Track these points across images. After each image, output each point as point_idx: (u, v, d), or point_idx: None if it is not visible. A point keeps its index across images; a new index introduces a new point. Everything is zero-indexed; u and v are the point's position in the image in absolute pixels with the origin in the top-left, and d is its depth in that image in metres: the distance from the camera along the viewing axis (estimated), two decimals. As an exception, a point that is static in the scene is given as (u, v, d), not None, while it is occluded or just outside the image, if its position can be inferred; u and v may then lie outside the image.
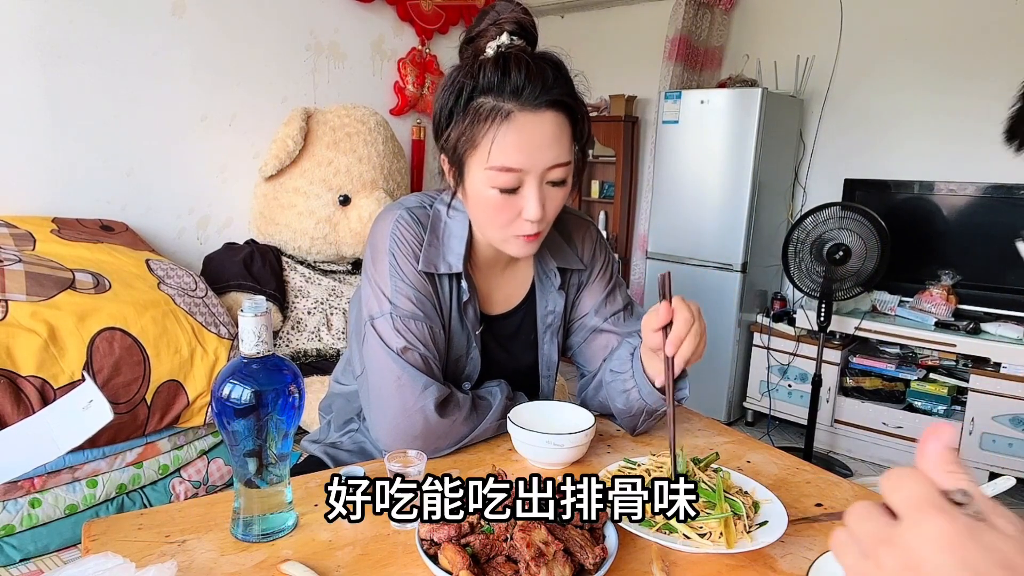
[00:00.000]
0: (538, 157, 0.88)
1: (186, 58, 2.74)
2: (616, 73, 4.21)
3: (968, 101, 3.06)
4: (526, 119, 0.87)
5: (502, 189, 0.89)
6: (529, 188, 0.90)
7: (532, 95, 0.86)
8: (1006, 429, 2.72)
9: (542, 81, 0.87)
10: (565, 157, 0.90)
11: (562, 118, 0.90)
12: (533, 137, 0.88)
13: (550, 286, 1.11)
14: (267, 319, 0.74)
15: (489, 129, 0.87)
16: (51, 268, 2.00)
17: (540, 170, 0.89)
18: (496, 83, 0.87)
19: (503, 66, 0.87)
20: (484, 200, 0.92)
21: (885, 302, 3.16)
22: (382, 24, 3.37)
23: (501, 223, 0.93)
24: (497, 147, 0.87)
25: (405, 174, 3.10)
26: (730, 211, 3.29)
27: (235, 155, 2.95)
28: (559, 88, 0.88)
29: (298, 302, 2.73)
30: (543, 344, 1.13)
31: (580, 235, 1.16)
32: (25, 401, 1.72)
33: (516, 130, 0.87)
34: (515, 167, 0.88)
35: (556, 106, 0.88)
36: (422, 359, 0.96)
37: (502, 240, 0.96)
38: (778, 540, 0.75)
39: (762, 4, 3.71)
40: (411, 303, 0.97)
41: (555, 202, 0.93)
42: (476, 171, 0.91)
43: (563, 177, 0.92)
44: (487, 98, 0.88)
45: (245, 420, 0.73)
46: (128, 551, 0.71)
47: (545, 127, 0.88)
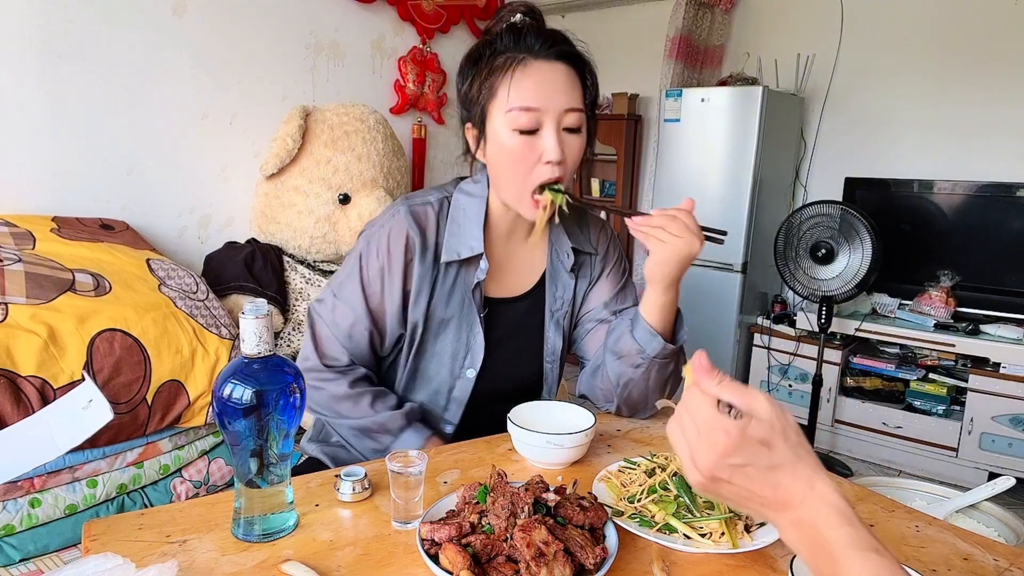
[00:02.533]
0: (554, 98, 0.96)
1: (186, 57, 2.73)
2: (617, 72, 4.21)
3: (969, 100, 3.06)
4: (540, 65, 0.96)
5: (522, 130, 0.96)
6: (548, 129, 0.96)
7: (545, 47, 0.96)
8: (1006, 429, 2.72)
9: (552, 37, 0.97)
10: (579, 104, 0.98)
11: (573, 71, 0.98)
12: (547, 80, 0.96)
13: (562, 268, 1.14)
14: (268, 320, 0.74)
15: (507, 75, 0.96)
16: (51, 268, 2.00)
17: (557, 111, 0.96)
18: (512, 43, 0.97)
19: (517, 30, 0.98)
20: (507, 149, 0.98)
21: (885, 305, 3.16)
22: (382, 23, 3.37)
23: (523, 171, 0.98)
24: (515, 88, 0.95)
25: (405, 173, 3.10)
26: (731, 210, 3.29)
27: (235, 154, 2.95)
28: (568, 45, 0.99)
29: (299, 304, 2.73)
30: (548, 329, 1.15)
31: (596, 229, 1.20)
32: (25, 401, 1.72)
33: (532, 74, 0.96)
34: (533, 106, 0.95)
35: (566, 58, 0.98)
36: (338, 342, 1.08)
37: (520, 196, 1.01)
38: (778, 540, 0.75)
39: (762, 3, 3.71)
40: (353, 306, 1.07)
41: (572, 150, 0.99)
42: (497, 117, 0.98)
43: (578, 124, 0.99)
44: (503, 55, 0.97)
45: (246, 420, 0.73)
46: (128, 551, 0.71)
47: (558, 73, 0.97)
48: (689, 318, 1.06)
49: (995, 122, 3.00)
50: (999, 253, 2.93)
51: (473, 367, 1.09)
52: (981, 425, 2.76)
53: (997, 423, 2.73)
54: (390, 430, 1.04)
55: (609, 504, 0.82)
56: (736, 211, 3.26)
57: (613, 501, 0.84)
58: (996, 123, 3.00)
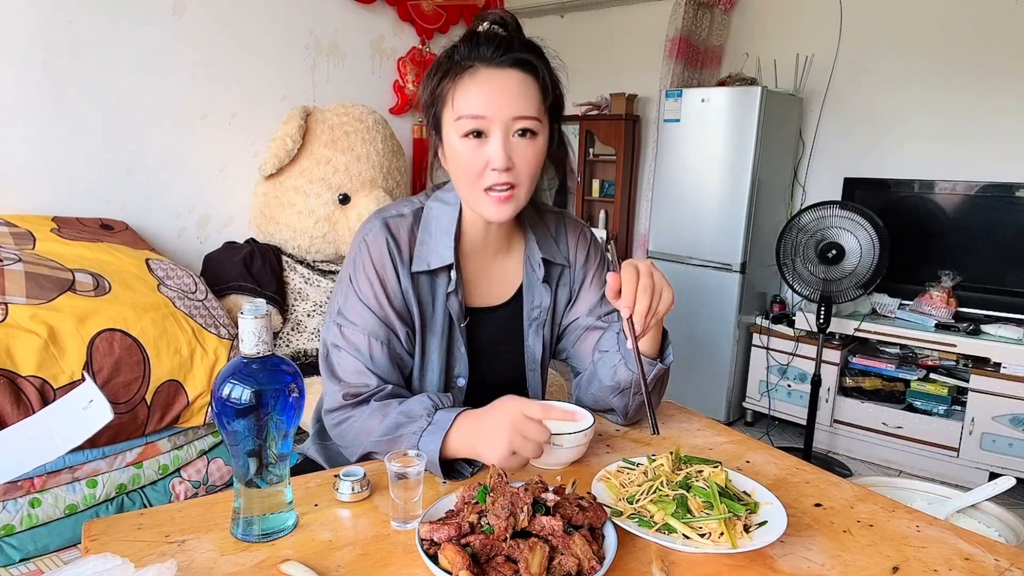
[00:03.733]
0: (501, 105, 0.95)
1: (186, 57, 2.73)
2: (616, 72, 4.21)
3: (968, 100, 3.06)
4: (489, 73, 0.95)
5: (467, 133, 0.95)
6: (495, 136, 0.95)
7: (496, 54, 0.95)
8: (1006, 429, 2.72)
9: (505, 44, 0.96)
10: (531, 111, 0.96)
11: (527, 77, 0.96)
12: (496, 87, 0.95)
13: (535, 279, 1.14)
14: (267, 320, 0.74)
15: (455, 82, 0.96)
16: (51, 268, 2.00)
17: (504, 119, 0.95)
18: (466, 52, 0.96)
19: (475, 39, 0.96)
20: (457, 155, 0.98)
21: (885, 305, 3.16)
22: (382, 23, 3.37)
23: (472, 176, 0.98)
24: (460, 95, 0.95)
25: (405, 173, 3.10)
26: (730, 210, 3.29)
27: (235, 154, 2.94)
28: (523, 52, 0.96)
29: (298, 304, 2.73)
30: (528, 337, 1.15)
31: (574, 237, 1.19)
32: (25, 401, 1.72)
33: (479, 81, 0.95)
34: (478, 113, 0.94)
35: (519, 64, 0.96)
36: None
37: (475, 198, 1.00)
38: (778, 540, 0.75)
39: (762, 3, 3.71)
40: (362, 318, 1.03)
41: (525, 156, 0.97)
42: (448, 125, 0.98)
43: (530, 128, 0.97)
44: (458, 64, 0.97)
45: (245, 420, 0.73)
46: (128, 551, 0.71)
47: (508, 80, 0.95)
48: (688, 319, 1.05)
49: (995, 122, 3.00)
50: (1000, 253, 2.93)
51: (463, 376, 1.10)
52: (982, 425, 2.76)
53: (998, 423, 2.73)
54: (415, 416, 0.95)
55: (608, 504, 0.82)
56: (735, 211, 3.27)
57: (612, 501, 0.84)
58: (996, 123, 3.00)
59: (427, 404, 0.96)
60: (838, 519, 0.85)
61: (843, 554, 0.77)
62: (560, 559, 0.68)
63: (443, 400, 0.98)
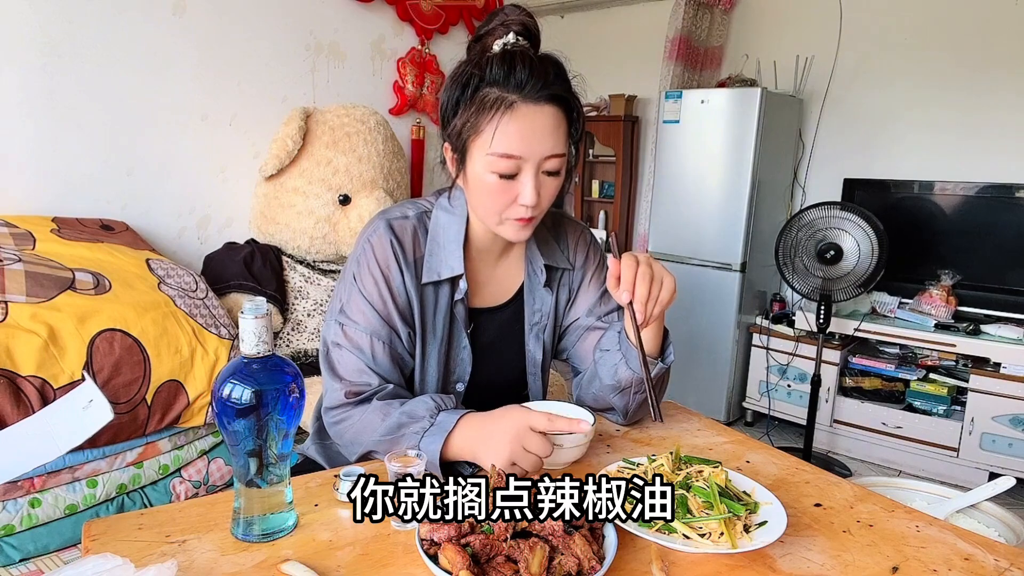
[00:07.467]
0: (536, 146, 0.94)
1: (186, 57, 2.73)
2: (616, 73, 4.21)
3: (968, 101, 3.07)
4: (528, 110, 0.93)
5: (501, 175, 0.95)
6: (526, 175, 0.95)
7: (534, 89, 0.93)
8: (1006, 429, 2.72)
9: (544, 77, 0.93)
10: (561, 149, 0.96)
11: (560, 113, 0.96)
12: (534, 127, 0.93)
13: (537, 283, 1.14)
14: (267, 320, 0.74)
15: (493, 117, 0.93)
16: (51, 267, 2.00)
17: (538, 159, 0.95)
18: (502, 77, 0.93)
19: (509, 61, 0.93)
20: (484, 185, 0.97)
21: (885, 304, 3.16)
22: (382, 24, 3.37)
23: (498, 208, 0.98)
24: (500, 134, 0.93)
25: (405, 174, 3.10)
26: (729, 211, 3.29)
27: (235, 155, 2.95)
28: (559, 85, 0.95)
29: (298, 303, 2.73)
30: (528, 341, 1.15)
31: (574, 238, 1.19)
32: (25, 401, 1.72)
33: (518, 119, 0.93)
34: (515, 154, 0.94)
35: (555, 100, 0.95)
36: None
37: (498, 224, 1.01)
38: (778, 540, 0.75)
39: (761, 4, 3.71)
40: (365, 318, 1.03)
41: (549, 191, 0.99)
42: (478, 157, 0.96)
43: (558, 168, 0.97)
44: (492, 89, 0.94)
45: (245, 420, 0.73)
46: (128, 551, 0.71)
47: (545, 119, 0.94)
48: (688, 318, 1.05)
49: (995, 123, 3.00)
50: (999, 253, 2.93)
51: (462, 380, 1.10)
52: (982, 425, 2.76)
53: (998, 423, 2.73)
54: (418, 416, 0.94)
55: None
56: (735, 212, 3.27)
57: (613, 501, 0.84)
58: (996, 124, 3.00)
59: (430, 405, 0.95)
60: (838, 519, 0.85)
61: (843, 554, 0.77)
62: (560, 559, 0.68)
63: (445, 401, 0.97)
